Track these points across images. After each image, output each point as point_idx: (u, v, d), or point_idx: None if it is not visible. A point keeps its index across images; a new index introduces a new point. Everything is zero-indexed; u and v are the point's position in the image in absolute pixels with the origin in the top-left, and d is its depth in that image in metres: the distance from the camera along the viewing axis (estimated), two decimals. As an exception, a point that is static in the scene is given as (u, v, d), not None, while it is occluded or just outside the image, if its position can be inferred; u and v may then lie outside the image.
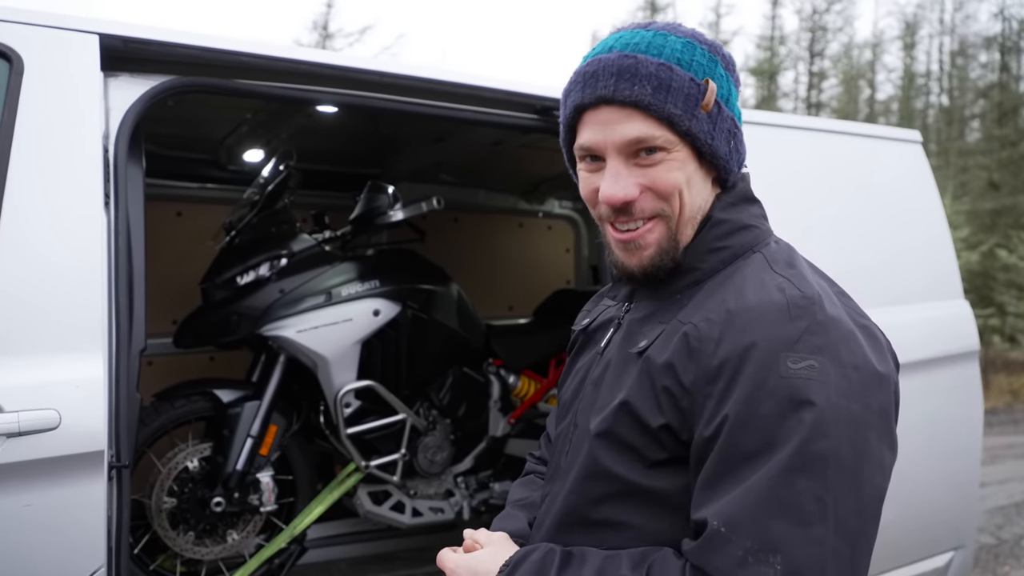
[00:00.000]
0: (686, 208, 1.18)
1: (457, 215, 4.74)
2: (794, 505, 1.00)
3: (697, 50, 1.17)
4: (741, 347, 1.06)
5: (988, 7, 27.01)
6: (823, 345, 1.05)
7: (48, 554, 1.83)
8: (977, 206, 19.23)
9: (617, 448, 1.16)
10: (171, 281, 3.60)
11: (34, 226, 1.87)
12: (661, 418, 1.12)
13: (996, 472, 7.12)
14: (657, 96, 1.13)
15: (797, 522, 1.00)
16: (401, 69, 2.50)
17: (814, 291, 1.11)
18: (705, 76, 1.16)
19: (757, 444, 1.03)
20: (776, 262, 1.18)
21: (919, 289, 3.28)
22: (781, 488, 1.00)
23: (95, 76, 2.02)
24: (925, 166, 3.49)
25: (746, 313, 1.09)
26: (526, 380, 3.99)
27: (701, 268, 1.20)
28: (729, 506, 1.02)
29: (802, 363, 1.04)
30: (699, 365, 1.09)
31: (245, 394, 3.28)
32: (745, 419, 1.04)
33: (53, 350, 1.85)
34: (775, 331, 1.06)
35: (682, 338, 1.12)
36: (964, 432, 3.27)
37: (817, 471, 1.00)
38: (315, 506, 3.43)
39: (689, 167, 1.17)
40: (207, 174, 4.07)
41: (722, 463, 1.05)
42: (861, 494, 1.03)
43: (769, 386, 1.03)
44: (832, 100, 26.84)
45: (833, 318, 1.08)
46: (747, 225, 1.23)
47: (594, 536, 1.18)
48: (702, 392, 1.08)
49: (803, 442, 1.01)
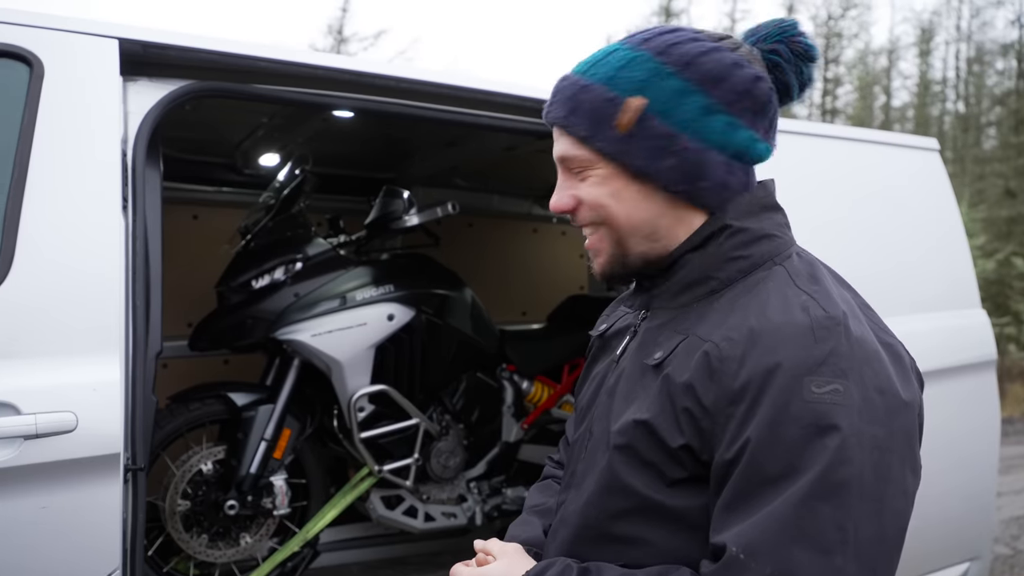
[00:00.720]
0: (620, 221, 1.19)
1: (471, 220, 4.74)
2: (815, 533, 0.98)
3: (641, 66, 1.16)
4: (764, 369, 1.04)
5: (1005, 14, 26.85)
6: (848, 368, 1.03)
7: (63, 556, 1.84)
8: (993, 214, 19.11)
9: (636, 464, 1.14)
10: (186, 284, 3.61)
11: (53, 229, 1.88)
12: (681, 439, 1.10)
13: (1012, 482, 7.06)
14: (570, 118, 1.19)
15: (818, 550, 0.98)
16: (417, 74, 2.51)
17: (839, 310, 1.09)
18: (636, 93, 1.14)
19: (779, 469, 1.01)
20: (799, 276, 1.15)
21: (936, 298, 3.25)
22: (802, 515, 0.99)
23: (114, 80, 2.03)
24: (943, 174, 3.46)
25: (770, 334, 1.07)
26: (539, 386, 3.98)
27: (719, 277, 1.18)
28: (749, 531, 1.01)
29: (827, 387, 1.02)
30: (720, 386, 1.07)
31: (259, 397, 3.29)
32: (767, 443, 1.02)
33: (70, 353, 1.86)
34: (799, 353, 1.04)
35: (703, 357, 1.10)
36: (981, 442, 3.24)
37: (839, 498, 0.99)
38: (328, 510, 3.44)
39: (616, 183, 1.18)
40: (223, 178, 4.09)
41: (743, 487, 1.04)
42: (883, 521, 1.02)
43: (792, 410, 1.01)
44: (847, 107, 26.76)
45: (858, 339, 1.06)
46: (768, 234, 1.20)
47: (611, 551, 1.17)
48: (723, 413, 1.06)
49: (826, 468, 0.99)
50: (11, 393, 1.77)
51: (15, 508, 1.77)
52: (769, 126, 1.21)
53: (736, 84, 1.15)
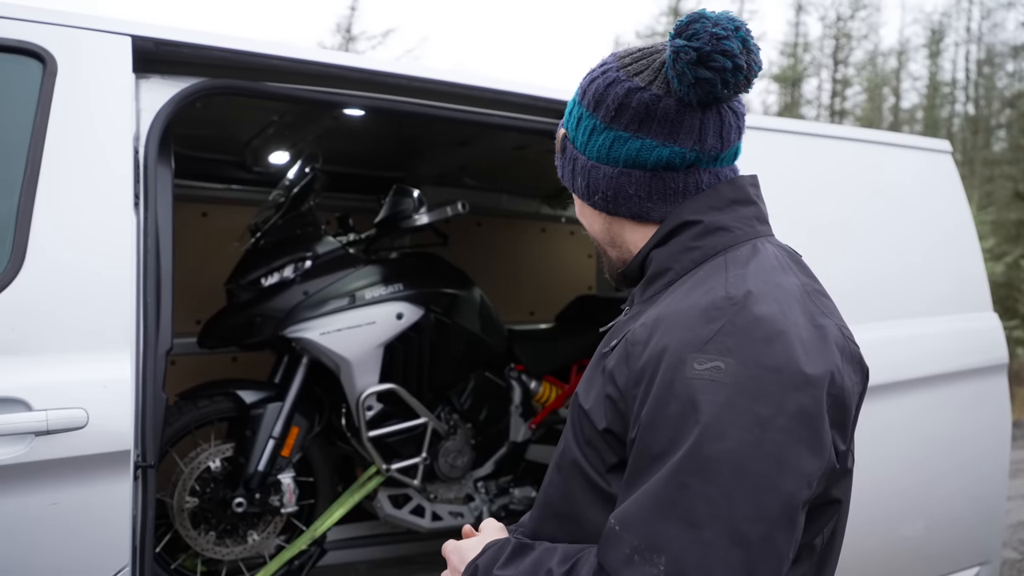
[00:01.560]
0: (591, 233, 1.37)
1: (480, 219, 4.74)
2: (683, 506, 1.00)
3: (573, 98, 1.31)
4: (658, 350, 1.08)
5: (1016, 16, 26.70)
6: (734, 346, 1.04)
7: (73, 553, 1.84)
8: (1002, 216, 19.02)
9: (584, 444, 1.20)
10: (195, 281, 3.62)
11: (65, 226, 1.89)
12: (604, 422, 1.15)
13: (1021, 486, 7.03)
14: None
15: (685, 523, 0.99)
16: (428, 73, 2.51)
17: (743, 290, 1.09)
18: (564, 124, 1.32)
19: (662, 445, 1.04)
20: (734, 264, 1.17)
21: (948, 300, 3.24)
22: (672, 489, 1.01)
23: (127, 77, 2.03)
24: (954, 176, 3.45)
25: (670, 316, 1.11)
26: (547, 386, 3.98)
27: (674, 268, 1.23)
28: (628, 506, 1.05)
29: (707, 364, 1.04)
30: (630, 368, 1.12)
31: (268, 395, 3.29)
32: (653, 421, 1.05)
33: (82, 349, 1.86)
34: (688, 333, 1.07)
35: (623, 343, 1.16)
36: (992, 446, 3.23)
37: (711, 473, 1.00)
38: (336, 508, 3.44)
39: (576, 201, 1.35)
40: (233, 175, 4.09)
41: (635, 464, 1.08)
42: (762, 499, 1.00)
43: (676, 388, 1.04)
44: (856, 108, 26.67)
45: (757, 318, 1.06)
46: (723, 226, 1.22)
47: (563, 530, 1.23)
48: (630, 395, 1.11)
49: (696, 443, 1.01)
50: (23, 389, 1.77)
51: (26, 504, 1.77)
52: (671, 130, 1.20)
53: (611, 103, 1.23)
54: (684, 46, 1.15)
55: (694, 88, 1.16)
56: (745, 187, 1.28)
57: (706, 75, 1.15)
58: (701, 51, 1.14)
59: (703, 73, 1.15)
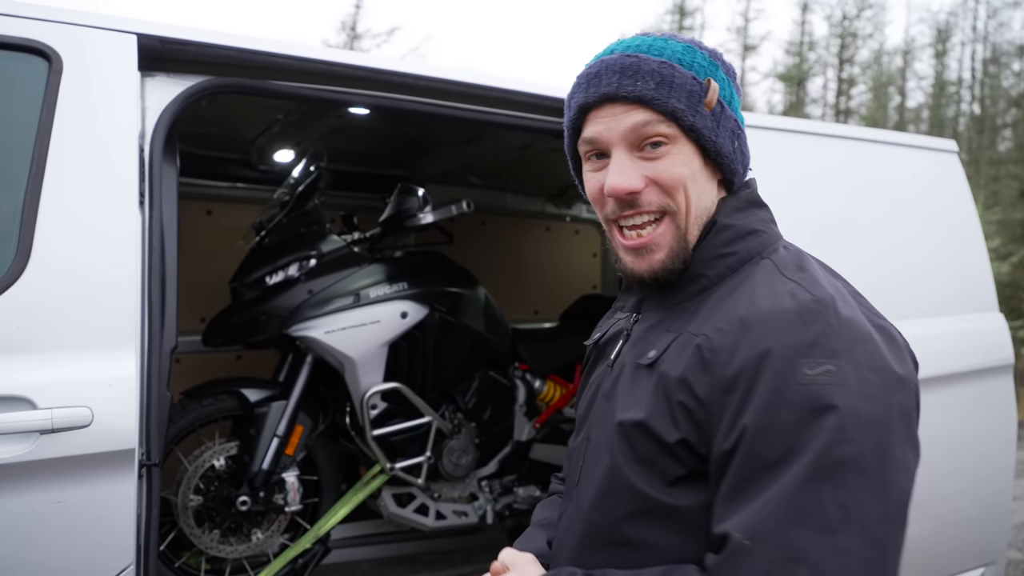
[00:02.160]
0: (692, 205, 1.19)
1: (485, 218, 4.74)
2: (818, 513, 0.98)
3: (697, 53, 1.20)
4: (756, 355, 1.05)
5: (1022, 15, 26.67)
6: (839, 348, 1.03)
7: (78, 551, 1.84)
8: (1008, 216, 18.96)
9: (636, 464, 1.14)
10: (200, 280, 3.62)
11: (70, 224, 1.89)
12: (677, 433, 1.10)
13: (1025, 486, 7.02)
14: (660, 91, 1.15)
15: (822, 530, 0.97)
16: (433, 72, 2.50)
17: (827, 293, 1.09)
18: (707, 76, 1.18)
19: (778, 453, 1.01)
20: (786, 267, 1.16)
21: (953, 300, 3.23)
22: (804, 496, 0.98)
23: (132, 76, 2.03)
24: (961, 176, 3.44)
25: (759, 320, 1.07)
26: (552, 385, 3.97)
27: (708, 275, 1.20)
28: (752, 517, 1.00)
29: (819, 368, 1.02)
30: (714, 376, 1.08)
31: (272, 394, 3.29)
32: (764, 428, 1.02)
33: (86, 348, 1.86)
34: (789, 337, 1.04)
35: (695, 351, 1.11)
36: (997, 446, 3.22)
37: (840, 477, 0.98)
38: (340, 507, 3.44)
39: (694, 163, 1.18)
40: (237, 173, 4.09)
41: (743, 474, 1.03)
42: (887, 499, 1.01)
43: (787, 394, 1.02)
44: (861, 107, 26.60)
45: (848, 320, 1.07)
46: (754, 230, 1.22)
47: (616, 556, 1.16)
48: (717, 404, 1.07)
49: (825, 448, 0.99)
50: (28, 388, 1.77)
51: (31, 502, 1.77)
52: None
53: (738, 84, 1.24)
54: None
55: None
56: (756, 190, 1.28)
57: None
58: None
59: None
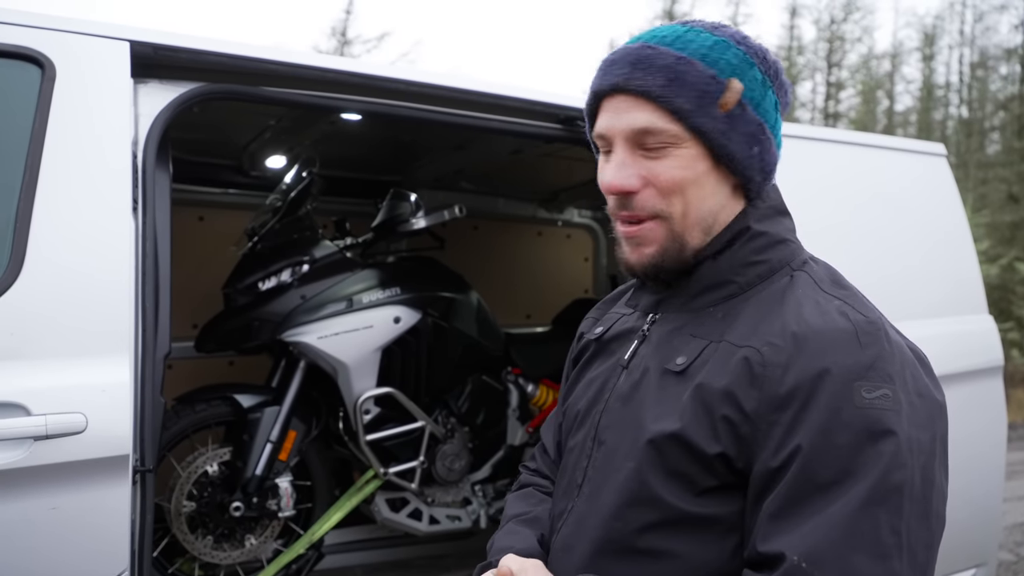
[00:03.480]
0: (691, 209, 1.15)
1: (476, 223, 4.74)
2: (874, 538, 0.98)
3: (730, 50, 1.14)
4: (813, 374, 1.04)
5: (1009, 19, 26.85)
6: (894, 373, 1.04)
7: (72, 557, 1.84)
8: (996, 219, 19.07)
9: (665, 475, 1.11)
10: (192, 285, 3.61)
11: (64, 231, 1.89)
12: (718, 446, 1.08)
13: (1017, 488, 7.04)
14: (669, 88, 1.11)
15: (877, 556, 0.98)
16: (425, 77, 2.51)
17: (877, 315, 1.10)
18: (732, 75, 1.13)
19: (832, 475, 1.00)
20: (823, 281, 1.16)
21: (943, 303, 3.25)
22: (862, 521, 0.99)
23: (125, 83, 2.04)
24: (949, 179, 3.47)
25: (815, 338, 1.06)
26: (544, 389, 3.98)
27: (737, 281, 1.18)
28: (808, 539, 0.99)
29: (876, 392, 1.02)
30: (763, 392, 1.06)
31: (265, 399, 3.29)
32: (820, 450, 1.01)
33: (80, 354, 1.86)
34: (847, 359, 1.04)
35: (742, 363, 1.08)
36: (988, 448, 3.24)
37: (895, 503, 0.99)
38: (333, 512, 3.44)
39: (699, 166, 1.14)
40: (230, 179, 4.09)
41: (794, 494, 1.02)
42: (931, 525, 1.03)
43: (844, 416, 1.01)
44: (850, 111, 26.71)
45: (897, 344, 1.08)
46: (784, 239, 1.21)
47: (636, 565, 1.13)
48: (766, 420, 1.05)
49: (883, 473, 0.99)
50: (21, 394, 1.77)
51: (25, 509, 1.77)
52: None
53: (784, 85, 1.19)
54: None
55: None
56: (780, 196, 1.27)
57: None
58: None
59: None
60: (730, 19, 25.75)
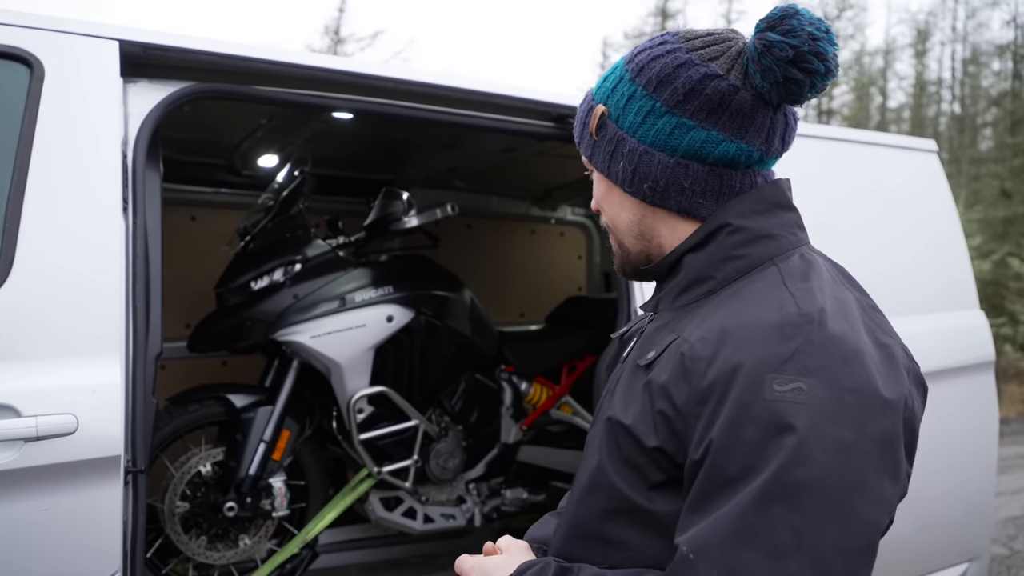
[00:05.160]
0: (613, 222, 1.28)
1: (470, 221, 4.74)
2: (767, 535, 0.94)
3: (614, 74, 1.22)
4: (729, 368, 1.01)
5: (1000, 15, 26.92)
6: (815, 367, 0.99)
7: (64, 559, 1.84)
8: (989, 215, 19.15)
9: (621, 465, 1.13)
10: (185, 285, 3.61)
11: (54, 231, 1.88)
12: (655, 440, 1.08)
13: (1009, 482, 7.08)
14: (576, 131, 1.28)
15: (769, 554, 0.94)
16: (417, 76, 2.51)
17: (815, 308, 1.05)
18: (603, 100, 1.21)
19: (737, 470, 0.98)
20: (791, 276, 1.12)
21: (935, 299, 3.26)
22: (754, 516, 0.95)
23: (115, 82, 2.03)
24: (940, 175, 3.47)
25: (738, 332, 1.04)
26: (538, 387, 3.98)
27: (716, 277, 1.17)
28: (701, 532, 0.98)
29: (789, 385, 0.98)
30: (691, 386, 1.05)
31: (258, 399, 3.29)
32: (728, 444, 0.99)
33: (71, 355, 1.86)
34: (764, 351, 1.01)
35: (679, 358, 1.08)
36: (980, 443, 3.25)
37: (795, 500, 0.95)
38: (327, 511, 3.43)
39: (601, 186, 1.27)
40: (221, 179, 4.08)
41: (704, 488, 1.01)
42: (848, 528, 0.96)
43: (753, 410, 0.98)
44: (843, 108, 26.79)
45: (834, 336, 1.02)
46: (769, 234, 1.17)
47: (595, 551, 1.16)
48: (693, 414, 1.04)
49: (781, 469, 0.95)
50: (12, 395, 1.76)
51: (16, 511, 1.77)
52: (742, 126, 1.14)
53: (680, 85, 1.14)
54: (780, 42, 1.08)
55: (779, 87, 1.12)
56: (786, 190, 1.24)
57: (797, 76, 1.10)
58: (799, 50, 1.08)
59: (794, 73, 1.09)
60: (723, 16, 25.81)
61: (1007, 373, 13.47)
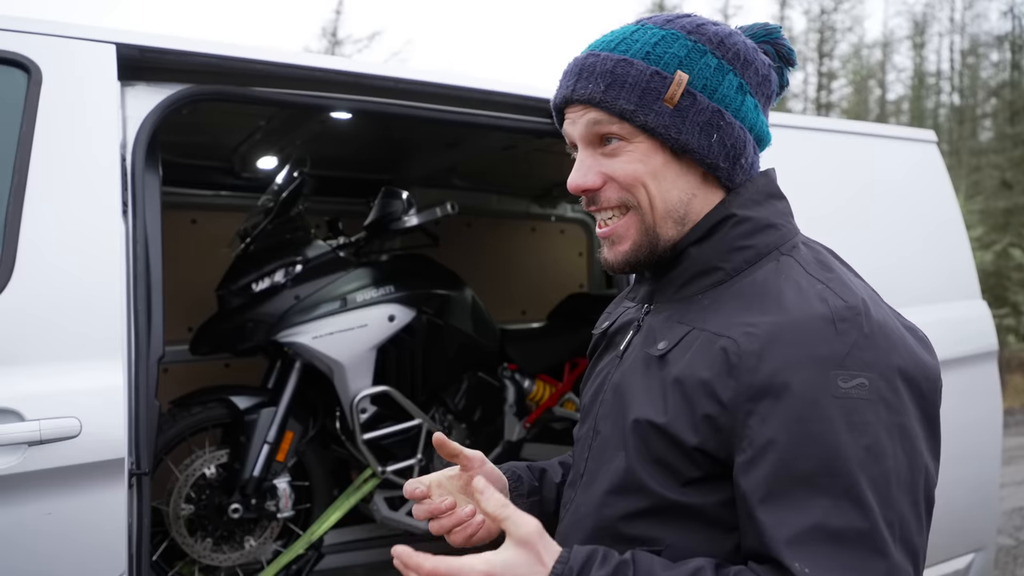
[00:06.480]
0: (656, 201, 1.16)
1: (470, 220, 4.74)
2: (867, 532, 0.97)
3: (677, 42, 1.15)
4: (786, 364, 1.02)
5: (998, 5, 26.90)
6: (872, 360, 1.01)
7: (69, 562, 1.84)
8: (990, 205, 19.11)
9: (651, 463, 1.11)
10: (186, 288, 3.61)
11: (53, 235, 1.88)
12: (695, 439, 1.07)
13: (1013, 473, 7.07)
14: (609, 93, 1.13)
15: (874, 550, 0.97)
16: (415, 75, 2.51)
17: (858, 298, 1.07)
18: (678, 68, 1.13)
19: (810, 467, 0.99)
20: (809, 264, 1.13)
21: (936, 290, 3.25)
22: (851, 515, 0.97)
23: (112, 86, 2.03)
24: (940, 166, 3.47)
25: (790, 327, 1.04)
26: (541, 384, 3.98)
27: (724, 268, 1.17)
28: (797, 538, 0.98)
29: (853, 381, 1.00)
30: (739, 382, 1.04)
31: (261, 400, 3.29)
32: (796, 441, 0.99)
33: (73, 358, 1.86)
34: (823, 348, 1.02)
35: (720, 353, 1.07)
36: (984, 434, 3.24)
37: (883, 494, 0.98)
38: (332, 512, 3.44)
39: (654, 159, 1.15)
40: (221, 181, 4.08)
41: (774, 486, 1.01)
42: (920, 511, 1.02)
43: (822, 407, 0.99)
44: (842, 100, 26.76)
45: (880, 325, 1.05)
46: (772, 223, 1.19)
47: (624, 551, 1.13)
48: (743, 410, 1.03)
49: (863, 465, 0.98)
50: (15, 399, 1.76)
51: (21, 514, 1.77)
52: (767, 113, 1.24)
53: (759, 68, 1.19)
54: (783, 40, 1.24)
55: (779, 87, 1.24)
56: (775, 180, 1.25)
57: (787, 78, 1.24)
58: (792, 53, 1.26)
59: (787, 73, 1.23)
60: (720, 10, 25.77)
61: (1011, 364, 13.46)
